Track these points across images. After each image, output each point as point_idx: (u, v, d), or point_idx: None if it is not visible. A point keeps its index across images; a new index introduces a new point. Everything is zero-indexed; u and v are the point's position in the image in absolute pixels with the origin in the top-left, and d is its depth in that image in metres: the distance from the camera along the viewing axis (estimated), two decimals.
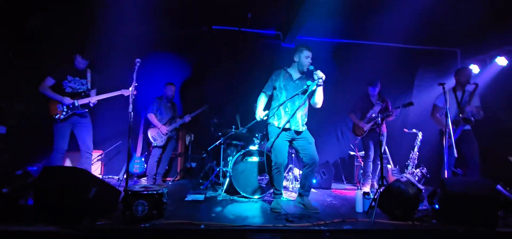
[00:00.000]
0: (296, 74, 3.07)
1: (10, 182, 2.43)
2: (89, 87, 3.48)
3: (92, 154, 3.54)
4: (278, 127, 2.97)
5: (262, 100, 3.16)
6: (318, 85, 2.87)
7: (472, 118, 3.49)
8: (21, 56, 4.18)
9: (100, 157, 4.66)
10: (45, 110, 3.29)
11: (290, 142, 3.04)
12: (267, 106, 3.19)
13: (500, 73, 4.63)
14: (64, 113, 3.28)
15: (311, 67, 2.91)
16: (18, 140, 4.03)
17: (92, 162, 4.38)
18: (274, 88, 3.09)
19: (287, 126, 2.95)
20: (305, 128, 3.05)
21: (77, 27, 4.52)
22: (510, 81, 4.43)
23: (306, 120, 3.07)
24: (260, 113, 3.09)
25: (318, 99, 2.96)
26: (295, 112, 2.94)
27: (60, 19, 4.45)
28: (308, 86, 2.89)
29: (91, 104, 3.43)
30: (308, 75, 3.04)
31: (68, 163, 4.26)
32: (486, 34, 4.58)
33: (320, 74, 2.84)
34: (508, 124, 4.18)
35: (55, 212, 2.16)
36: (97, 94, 3.50)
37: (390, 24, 4.47)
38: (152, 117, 4.18)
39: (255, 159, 3.60)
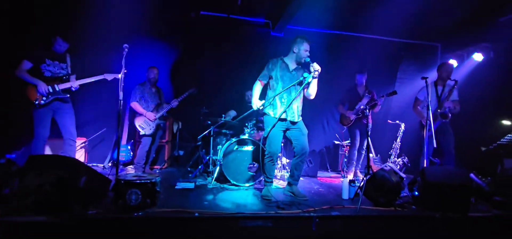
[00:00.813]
0: (292, 65, 3.09)
1: None
2: (70, 72, 3.32)
3: (76, 141, 3.43)
4: (274, 117, 3.01)
5: (257, 89, 3.15)
6: (313, 78, 2.92)
7: (449, 114, 3.72)
8: None
9: (83, 144, 4.52)
10: (22, 95, 3.10)
11: (284, 131, 3.10)
12: (262, 95, 3.20)
13: (476, 69, 4.91)
14: (44, 98, 3.10)
15: (307, 59, 2.96)
16: None
17: (76, 149, 4.25)
18: (270, 77, 3.10)
19: (283, 116, 2.99)
20: (300, 118, 3.11)
21: (56, 7, 4.26)
22: (484, 76, 4.72)
23: (301, 110, 3.13)
24: (256, 103, 3.09)
25: (312, 91, 3.02)
26: (291, 103, 2.98)
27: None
28: (304, 78, 2.93)
29: (74, 89, 3.28)
30: (303, 66, 3.09)
31: (48, 151, 4.08)
32: (465, 31, 4.82)
33: (316, 66, 2.88)
34: (481, 116, 4.47)
35: (44, 200, 2.11)
36: (78, 79, 3.33)
37: (376, 17, 4.58)
38: (136, 105, 4.07)
39: (245, 147, 3.65)
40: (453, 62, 4.93)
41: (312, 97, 3.07)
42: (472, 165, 3.44)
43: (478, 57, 4.86)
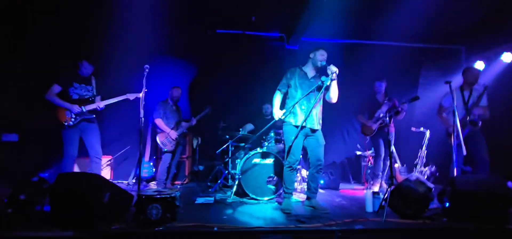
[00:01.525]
0: (311, 73, 3.11)
1: (27, 189, 2.48)
2: (95, 93, 3.55)
3: (101, 159, 3.60)
4: (295, 126, 3.00)
5: (277, 99, 3.18)
6: (332, 80, 2.90)
7: (479, 122, 3.50)
8: (28, 65, 4.26)
9: (109, 162, 4.71)
10: (53, 117, 3.34)
11: (303, 139, 3.07)
12: (281, 105, 3.21)
13: (506, 70, 4.62)
14: (72, 119, 3.32)
15: (323, 63, 2.96)
16: (29, 147, 4.10)
17: (102, 167, 4.44)
18: (289, 86, 3.12)
19: (303, 124, 2.97)
20: (320, 127, 3.08)
21: (82, 33, 4.58)
22: None
23: (321, 119, 3.10)
24: (278, 113, 3.10)
25: (333, 94, 2.99)
26: (311, 110, 2.96)
27: (64, 25, 4.53)
28: (322, 82, 2.92)
29: (99, 109, 3.49)
30: (321, 72, 3.09)
31: (76, 169, 4.31)
32: (490, 31, 4.58)
33: (333, 68, 2.86)
34: None
35: (71, 217, 2.21)
36: (103, 100, 3.56)
37: (394, 23, 4.48)
38: (160, 122, 4.23)
39: (264, 161, 3.63)
40: (480, 64, 4.66)
41: (334, 100, 3.03)
42: (508, 172, 3.18)
43: (507, 57, 4.56)
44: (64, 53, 4.30)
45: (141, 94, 2.99)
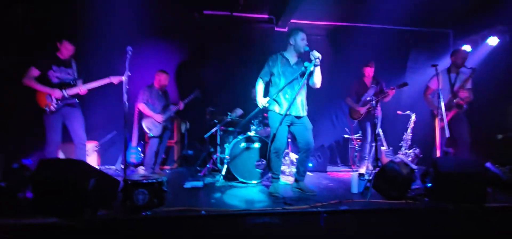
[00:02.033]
0: (293, 59, 3.05)
1: (7, 176, 2.41)
2: (76, 77, 3.37)
3: (86, 144, 3.51)
4: (279, 114, 2.98)
5: (260, 87, 3.13)
6: (315, 66, 2.86)
7: (465, 105, 3.57)
8: (4, 48, 4.04)
9: (96, 148, 4.62)
10: (33, 102, 3.17)
11: (289, 126, 3.06)
12: (265, 92, 3.18)
13: (491, 54, 4.70)
14: (54, 105, 3.17)
15: (307, 48, 2.89)
16: (9, 133, 3.95)
17: (88, 153, 4.35)
18: (272, 74, 3.06)
19: (287, 112, 2.95)
20: (305, 113, 3.07)
21: (60, 13, 4.33)
22: (500, 61, 4.51)
23: (306, 105, 3.08)
24: (262, 101, 3.07)
25: (317, 79, 2.96)
26: (295, 97, 2.94)
27: (41, 4, 4.28)
28: (305, 68, 2.88)
29: (81, 93, 3.33)
30: (304, 57, 3.04)
31: (61, 156, 4.20)
32: (478, 14, 4.61)
33: (316, 54, 2.82)
34: (496, 103, 4.28)
35: (55, 204, 2.16)
36: (84, 83, 3.38)
37: (383, 6, 4.45)
38: (143, 107, 4.12)
39: (252, 145, 3.64)
40: (467, 47, 4.73)
41: (318, 86, 3.00)
42: (488, 154, 3.30)
43: (493, 41, 4.64)
44: (42, 34, 4.08)
45: (124, 78, 2.88)
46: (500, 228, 2.44)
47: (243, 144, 3.61)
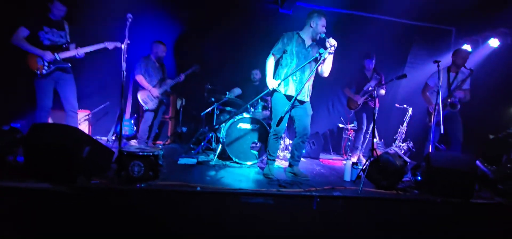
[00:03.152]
0: (308, 41, 2.95)
1: None
2: (69, 40, 3.21)
3: (78, 113, 3.42)
4: (285, 95, 2.93)
5: (271, 64, 2.93)
6: (330, 53, 2.80)
7: (458, 105, 3.62)
8: None
9: (87, 117, 4.53)
10: (23, 64, 3.01)
11: (291, 109, 3.02)
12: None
13: (491, 55, 4.74)
14: (45, 68, 3.03)
15: (323, 35, 2.81)
16: None
17: (79, 122, 4.26)
18: (285, 52, 2.93)
19: (292, 94, 2.90)
20: (309, 99, 3.03)
21: None
22: (499, 63, 4.56)
23: (311, 91, 3.03)
24: (273, 83, 2.88)
25: (326, 68, 2.89)
26: (304, 81, 2.88)
27: None
28: (320, 54, 2.79)
29: (78, 56, 3.17)
30: (318, 42, 2.97)
31: (51, 122, 4.09)
32: (481, 14, 4.60)
33: (332, 41, 2.74)
34: (492, 104, 4.36)
35: (48, 169, 2.12)
36: (77, 47, 3.22)
37: None
38: (141, 79, 4.02)
39: (248, 126, 3.62)
40: (467, 47, 4.75)
41: (326, 74, 2.93)
42: (479, 152, 3.39)
43: (494, 43, 4.67)
44: None
45: (123, 46, 2.78)
46: (482, 224, 2.55)
47: (239, 125, 3.60)
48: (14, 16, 3.15)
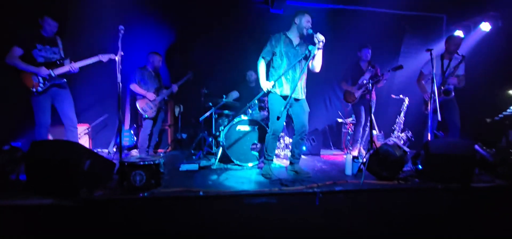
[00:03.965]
0: (296, 39, 3.01)
1: None
2: (63, 56, 3.22)
3: (77, 127, 3.43)
4: (280, 95, 2.97)
5: (262, 68, 3.00)
6: (318, 49, 2.84)
7: (452, 92, 3.64)
8: None
9: (87, 131, 4.54)
10: (19, 83, 3.03)
11: (287, 108, 3.05)
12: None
13: (483, 39, 4.77)
14: (41, 85, 3.04)
15: (310, 31, 2.85)
16: None
17: (79, 136, 4.28)
18: (274, 54, 3.00)
19: (287, 93, 2.94)
20: (304, 96, 3.06)
21: None
22: (492, 47, 4.59)
23: (305, 88, 3.07)
24: (266, 85, 2.93)
25: (317, 63, 2.93)
26: (296, 80, 2.92)
27: None
28: (309, 51, 2.84)
29: (73, 71, 3.19)
30: (306, 39, 3.01)
31: (51, 138, 4.11)
32: (471, 0, 4.64)
33: (320, 37, 2.78)
34: (487, 88, 4.39)
35: (50, 185, 2.14)
36: (72, 62, 3.23)
37: None
38: (135, 87, 4.04)
39: (247, 128, 3.64)
40: (459, 33, 4.78)
41: (318, 70, 2.97)
42: (477, 136, 3.41)
43: (485, 27, 4.70)
44: (25, 11, 3.87)
45: (117, 57, 2.79)
46: (484, 207, 2.57)
47: (238, 127, 3.61)
48: (7, 36, 3.17)
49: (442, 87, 3.66)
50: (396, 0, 4.84)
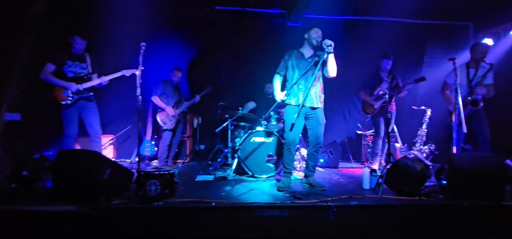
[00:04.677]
0: (307, 53, 3.08)
1: (29, 165, 2.54)
2: (90, 71, 3.49)
3: (101, 138, 3.63)
4: (295, 105, 2.99)
5: (277, 82, 3.16)
6: (328, 53, 2.85)
7: (481, 103, 3.42)
8: (28, 44, 4.21)
9: (112, 142, 4.78)
10: (51, 97, 3.32)
11: (305, 119, 3.07)
12: (283, 87, 3.20)
13: None
14: (70, 98, 3.31)
15: (319, 40, 2.90)
16: (31, 126, 4.15)
17: (104, 146, 4.52)
18: (287, 68, 3.11)
19: (301, 102, 2.95)
20: (321, 105, 3.06)
21: (75, 11, 4.48)
22: None
23: (322, 96, 3.09)
24: (280, 95, 3.07)
25: (331, 68, 2.92)
26: (309, 88, 2.94)
27: (61, 3, 4.45)
28: (319, 56, 2.90)
29: (103, 84, 3.46)
30: (318, 50, 3.06)
31: (78, 148, 4.37)
32: (500, 6, 4.39)
33: (328, 42, 2.81)
34: None
35: (73, 192, 2.27)
36: (99, 77, 3.50)
37: None
38: (156, 100, 4.24)
39: (263, 139, 3.65)
40: (488, 41, 4.51)
41: (332, 75, 2.97)
42: (509, 151, 3.15)
43: None
44: (58, 31, 4.23)
45: (137, 72, 2.96)
46: None
47: (254, 138, 3.63)
48: (42, 54, 3.49)
49: (468, 98, 3.45)
50: (416, 9, 4.69)
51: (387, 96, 3.25)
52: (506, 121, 3.92)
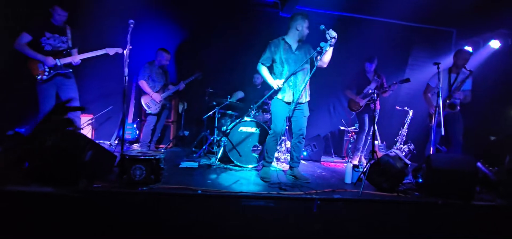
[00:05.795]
0: (294, 44, 3.00)
1: (2, 143, 2.37)
2: (70, 46, 3.24)
3: (81, 117, 3.45)
4: (282, 100, 2.97)
5: (266, 71, 3.03)
6: (331, 46, 2.78)
7: (458, 106, 3.61)
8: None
9: (90, 122, 4.58)
10: (25, 70, 3.06)
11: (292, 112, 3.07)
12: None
13: (492, 57, 4.73)
14: (46, 73, 3.06)
15: (322, 27, 2.75)
16: (4, 101, 3.87)
17: (82, 126, 4.32)
18: (274, 61, 3.02)
19: (289, 99, 2.95)
20: (308, 98, 3.07)
21: None
22: (500, 65, 4.55)
23: (309, 91, 3.07)
24: (277, 82, 2.91)
25: (327, 58, 2.88)
26: (299, 85, 2.93)
27: None
28: (321, 47, 2.77)
29: (74, 63, 3.21)
30: (305, 42, 3.02)
31: None
32: (482, 16, 4.60)
33: (333, 33, 2.71)
34: (493, 106, 4.35)
35: (51, 173, 2.15)
36: (79, 53, 3.26)
37: None
38: (144, 84, 4.08)
39: (249, 129, 3.64)
40: (468, 48, 4.74)
41: (325, 65, 2.94)
42: (480, 154, 3.37)
43: (495, 44, 4.66)
44: (37, 1, 3.93)
45: (125, 51, 2.82)
46: (484, 225, 2.53)
47: (241, 128, 3.62)
48: (17, 22, 3.21)
49: (447, 101, 3.63)
50: (406, 12, 4.81)
51: (375, 95, 3.34)
52: (479, 125, 4.16)
